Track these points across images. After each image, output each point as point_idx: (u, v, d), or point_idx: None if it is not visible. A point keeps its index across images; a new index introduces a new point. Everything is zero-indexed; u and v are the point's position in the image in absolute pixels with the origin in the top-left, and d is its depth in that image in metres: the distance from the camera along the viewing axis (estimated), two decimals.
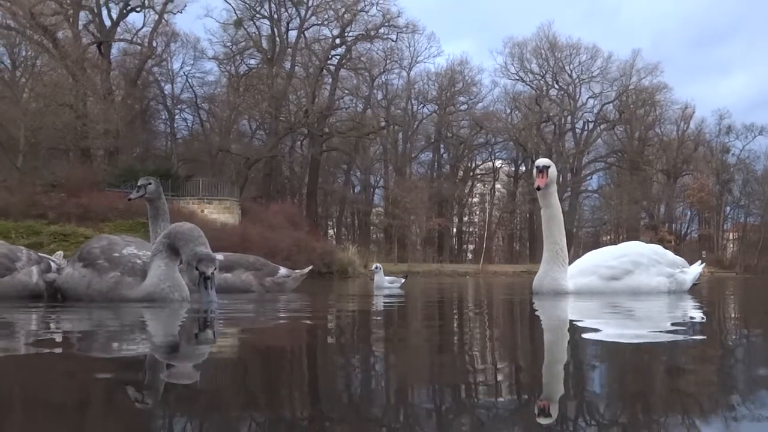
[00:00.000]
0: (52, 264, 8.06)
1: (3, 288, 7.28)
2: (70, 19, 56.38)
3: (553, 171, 10.01)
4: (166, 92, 70.98)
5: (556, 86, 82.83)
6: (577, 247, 69.37)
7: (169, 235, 6.84)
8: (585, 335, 3.98)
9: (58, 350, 3.34)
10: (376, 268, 14.34)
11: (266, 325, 4.93)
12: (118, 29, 61.15)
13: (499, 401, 2.10)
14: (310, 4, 68.53)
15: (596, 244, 67.04)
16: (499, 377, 2.52)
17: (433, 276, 46.80)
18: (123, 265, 7.17)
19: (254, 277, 10.54)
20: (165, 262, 6.86)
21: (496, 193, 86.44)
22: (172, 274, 6.88)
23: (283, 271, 10.98)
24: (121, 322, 4.88)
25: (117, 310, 5.86)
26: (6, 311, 5.69)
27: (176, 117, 72.16)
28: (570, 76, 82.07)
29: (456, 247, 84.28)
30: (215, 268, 6.56)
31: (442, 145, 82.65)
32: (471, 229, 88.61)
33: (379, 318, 5.64)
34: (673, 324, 4.86)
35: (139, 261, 7.14)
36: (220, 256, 10.74)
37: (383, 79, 76.76)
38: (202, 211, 47.70)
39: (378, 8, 69.32)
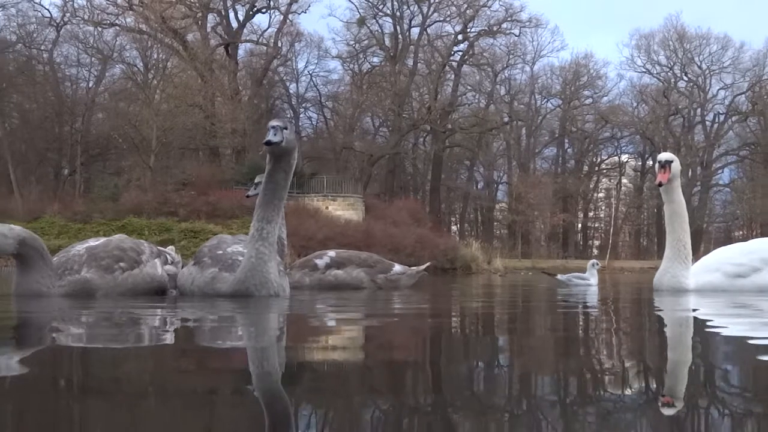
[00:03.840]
0: (168, 257, 8.29)
1: (134, 281, 7.41)
2: (199, 22, 57.97)
3: (676, 166, 9.78)
4: (291, 91, 72.27)
5: (685, 78, 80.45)
6: (708, 243, 67.38)
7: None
8: (700, 337, 3.88)
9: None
10: (594, 264, 13.52)
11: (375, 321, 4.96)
12: (245, 30, 62.56)
13: (618, 405, 2.08)
14: (432, 0, 68.61)
15: (728, 240, 64.95)
16: (617, 382, 2.49)
17: (558, 272, 46.17)
18: (223, 262, 7.36)
19: (366, 274, 10.55)
20: (256, 249, 6.93)
21: (623, 188, 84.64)
22: (261, 268, 6.91)
23: (397, 268, 10.95)
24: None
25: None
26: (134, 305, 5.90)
27: (301, 115, 73.37)
28: (699, 67, 79.53)
29: (581, 242, 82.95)
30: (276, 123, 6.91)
31: (566, 140, 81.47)
32: (596, 225, 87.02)
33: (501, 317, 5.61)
34: None
35: (241, 258, 7.25)
36: (331, 253, 10.86)
37: (506, 75, 76.18)
38: (327, 207, 48.37)
39: (500, 3, 68.80)
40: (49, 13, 59.22)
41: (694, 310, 5.94)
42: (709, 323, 4.79)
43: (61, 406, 2.00)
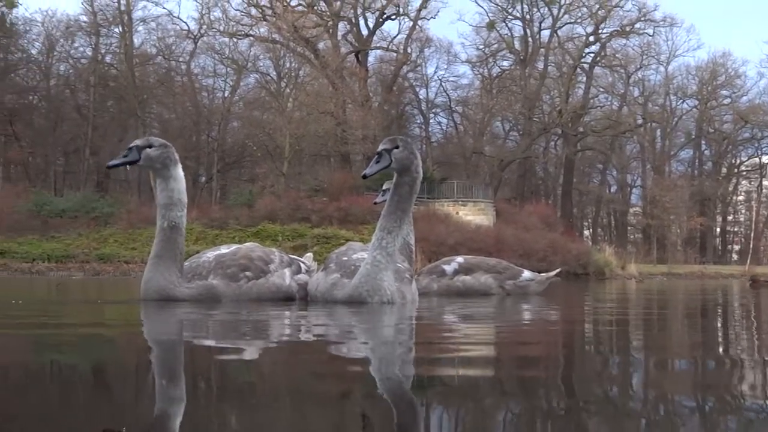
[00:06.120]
0: (302, 266, 8.38)
1: (258, 290, 7.56)
2: (330, 31, 58.77)
3: None
4: (420, 97, 72.60)
5: None
6: None
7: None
8: None
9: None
10: None
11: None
12: (375, 37, 62.97)
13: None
14: (562, 2, 67.60)
15: None
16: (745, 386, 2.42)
17: (696, 278, 45.04)
18: (346, 268, 7.44)
19: (494, 280, 10.44)
20: (373, 257, 6.99)
21: (764, 190, 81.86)
22: (375, 275, 6.94)
23: (526, 274, 10.80)
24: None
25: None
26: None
27: (431, 121, 73.70)
28: None
29: (720, 247, 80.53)
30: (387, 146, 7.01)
31: (703, 142, 79.23)
32: (736, 229, 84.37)
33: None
34: None
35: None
36: (459, 259, 10.84)
37: (639, 75, 74.43)
38: (457, 213, 48.32)
39: (633, 3, 67.27)
40: (187, 26, 61.37)
41: None
42: None
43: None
